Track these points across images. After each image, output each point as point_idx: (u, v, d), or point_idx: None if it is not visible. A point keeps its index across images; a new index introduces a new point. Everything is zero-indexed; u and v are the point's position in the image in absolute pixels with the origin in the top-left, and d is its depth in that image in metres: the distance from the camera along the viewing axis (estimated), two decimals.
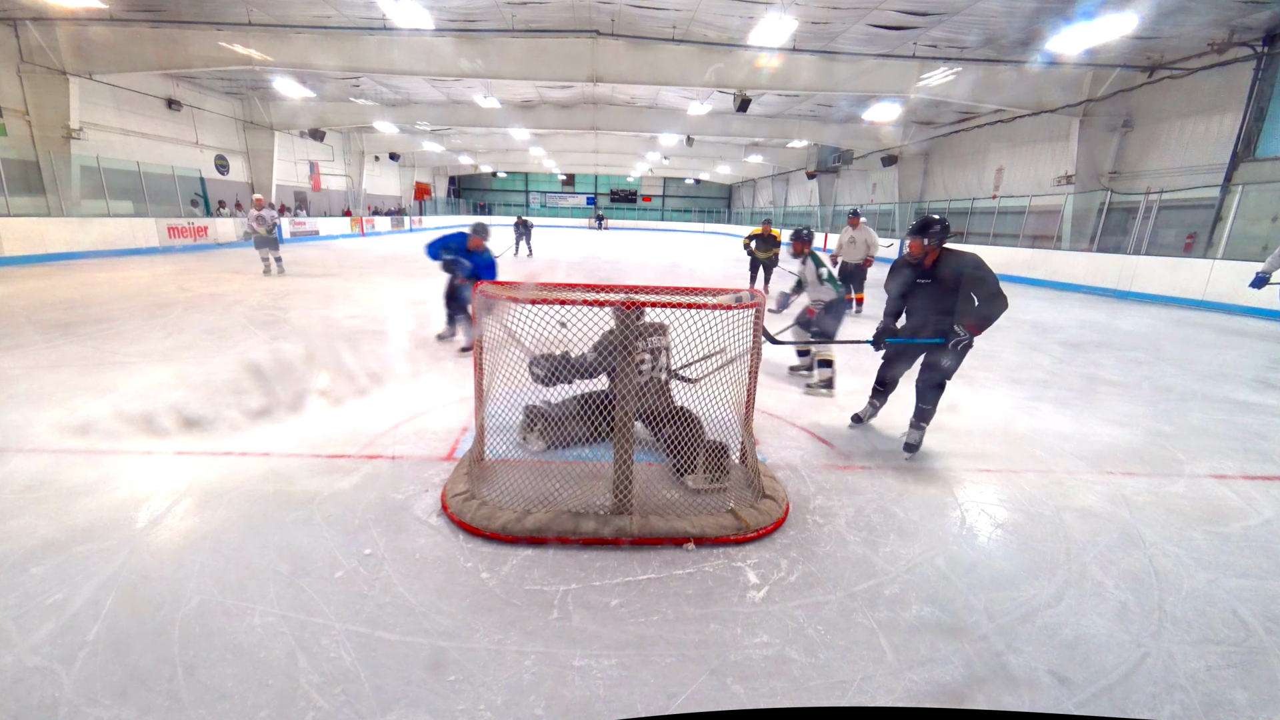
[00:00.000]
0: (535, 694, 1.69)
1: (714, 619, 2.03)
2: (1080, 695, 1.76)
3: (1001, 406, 4.53)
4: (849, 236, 8.69)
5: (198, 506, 2.66)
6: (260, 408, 3.99)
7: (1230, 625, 2.08)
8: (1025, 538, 2.63)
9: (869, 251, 8.74)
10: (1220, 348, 6.97)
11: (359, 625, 1.93)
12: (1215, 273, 10.13)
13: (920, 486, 3.11)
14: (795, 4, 10.38)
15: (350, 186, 28.36)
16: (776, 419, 4.06)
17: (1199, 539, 2.66)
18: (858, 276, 8.79)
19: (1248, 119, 10.98)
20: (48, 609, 1.97)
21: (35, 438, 3.35)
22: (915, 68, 12.88)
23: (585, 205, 48.48)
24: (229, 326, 6.51)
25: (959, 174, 19.71)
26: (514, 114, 21.07)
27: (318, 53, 12.57)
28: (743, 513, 2.58)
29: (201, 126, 18.95)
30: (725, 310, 2.62)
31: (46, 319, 6.54)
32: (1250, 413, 4.54)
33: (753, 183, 41.53)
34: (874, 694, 1.75)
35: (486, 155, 36.02)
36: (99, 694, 1.64)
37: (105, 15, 11.66)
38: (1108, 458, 3.57)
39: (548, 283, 3.07)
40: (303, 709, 1.61)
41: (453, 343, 5.95)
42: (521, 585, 2.18)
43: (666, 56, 12.83)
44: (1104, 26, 9.37)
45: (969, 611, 2.11)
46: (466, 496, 2.64)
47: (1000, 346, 6.67)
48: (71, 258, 12.55)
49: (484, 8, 11.45)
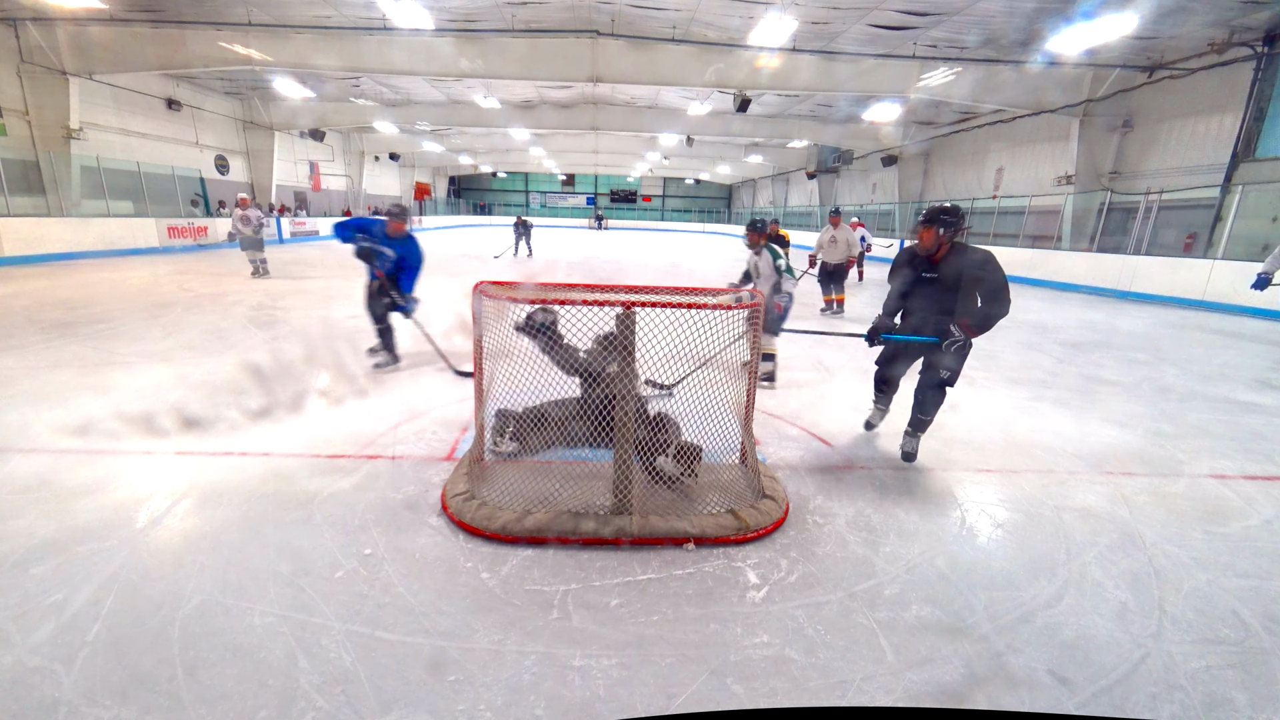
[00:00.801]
0: (535, 694, 1.69)
1: (714, 619, 2.03)
2: (1080, 695, 1.76)
3: (1001, 407, 4.53)
4: (829, 236, 8.60)
5: (198, 506, 2.66)
6: (260, 408, 3.99)
7: (1230, 625, 2.08)
8: (1025, 538, 2.63)
9: (850, 252, 8.65)
10: (1220, 348, 6.97)
11: (359, 625, 1.93)
12: (1215, 273, 10.13)
13: (920, 486, 3.11)
14: (795, 4, 10.38)
15: (350, 187, 28.36)
16: (777, 419, 4.06)
17: (1199, 539, 2.66)
18: (838, 277, 8.64)
19: (1248, 119, 10.98)
20: (48, 609, 1.97)
21: (35, 438, 3.35)
22: (915, 68, 12.88)
23: (585, 205, 48.47)
24: (229, 327, 6.51)
25: (959, 174, 19.71)
26: (514, 114, 21.07)
27: (318, 53, 12.57)
28: (743, 513, 2.58)
29: (201, 126, 18.95)
30: (725, 310, 2.62)
31: (46, 319, 6.54)
32: (1250, 413, 4.54)
33: (753, 183, 41.52)
34: (874, 694, 1.75)
35: (486, 155, 36.01)
36: (99, 694, 1.64)
37: (105, 15, 11.66)
38: (1108, 458, 3.57)
39: (548, 283, 3.07)
40: (303, 709, 1.61)
41: (394, 366, 4.98)
42: (521, 585, 2.18)
43: (666, 56, 12.83)
44: (1104, 27, 9.37)
45: (969, 612, 2.11)
46: (466, 497, 2.64)
47: (1000, 347, 6.67)
48: (71, 258, 12.55)
49: (484, 8, 11.45)
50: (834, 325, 7.84)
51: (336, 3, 11.24)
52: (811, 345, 6.49)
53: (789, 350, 6.13)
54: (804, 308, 8.32)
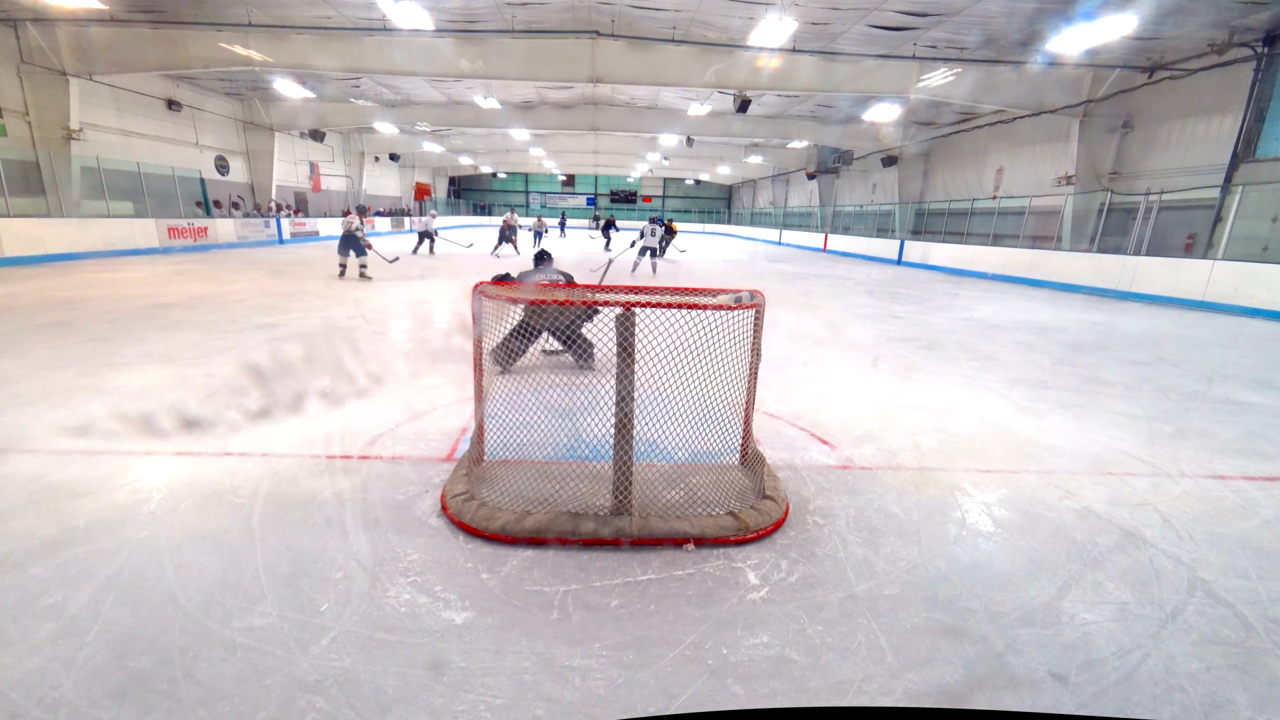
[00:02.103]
0: (535, 694, 1.69)
1: (714, 620, 2.03)
2: (1080, 696, 1.76)
3: (1001, 407, 4.53)
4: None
5: (198, 507, 2.66)
6: (260, 408, 3.99)
7: (1230, 625, 2.08)
8: (1025, 538, 2.63)
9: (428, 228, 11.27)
10: (1220, 348, 6.97)
11: (359, 625, 1.93)
12: (1215, 273, 10.13)
13: (920, 487, 3.11)
14: (795, 4, 10.39)
15: (350, 187, 28.36)
16: (777, 419, 4.06)
17: (1199, 539, 2.66)
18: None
19: (1248, 119, 10.98)
20: (47, 609, 1.97)
21: (35, 438, 3.35)
22: (915, 68, 12.89)
23: (585, 206, 48.48)
24: (229, 327, 6.51)
25: (959, 174, 19.72)
26: (514, 115, 21.08)
27: (318, 53, 12.58)
28: (742, 513, 2.58)
29: (201, 127, 18.96)
30: (725, 310, 2.62)
31: (46, 319, 6.54)
32: (1250, 413, 4.54)
33: (753, 183, 41.55)
34: (874, 694, 1.75)
35: (486, 156, 36.03)
36: (99, 694, 1.64)
37: (105, 16, 11.67)
38: (1108, 458, 3.57)
39: (548, 283, 3.07)
40: (303, 709, 1.61)
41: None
42: (521, 586, 2.18)
43: (666, 57, 12.84)
44: (1104, 27, 9.38)
45: (969, 612, 2.11)
46: (466, 497, 2.64)
47: (1000, 347, 6.68)
48: (71, 258, 12.55)
49: (484, 8, 11.45)
50: None
51: (336, 3, 11.25)
52: (811, 346, 6.50)
53: (789, 350, 6.15)
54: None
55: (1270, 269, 9.38)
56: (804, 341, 6.70)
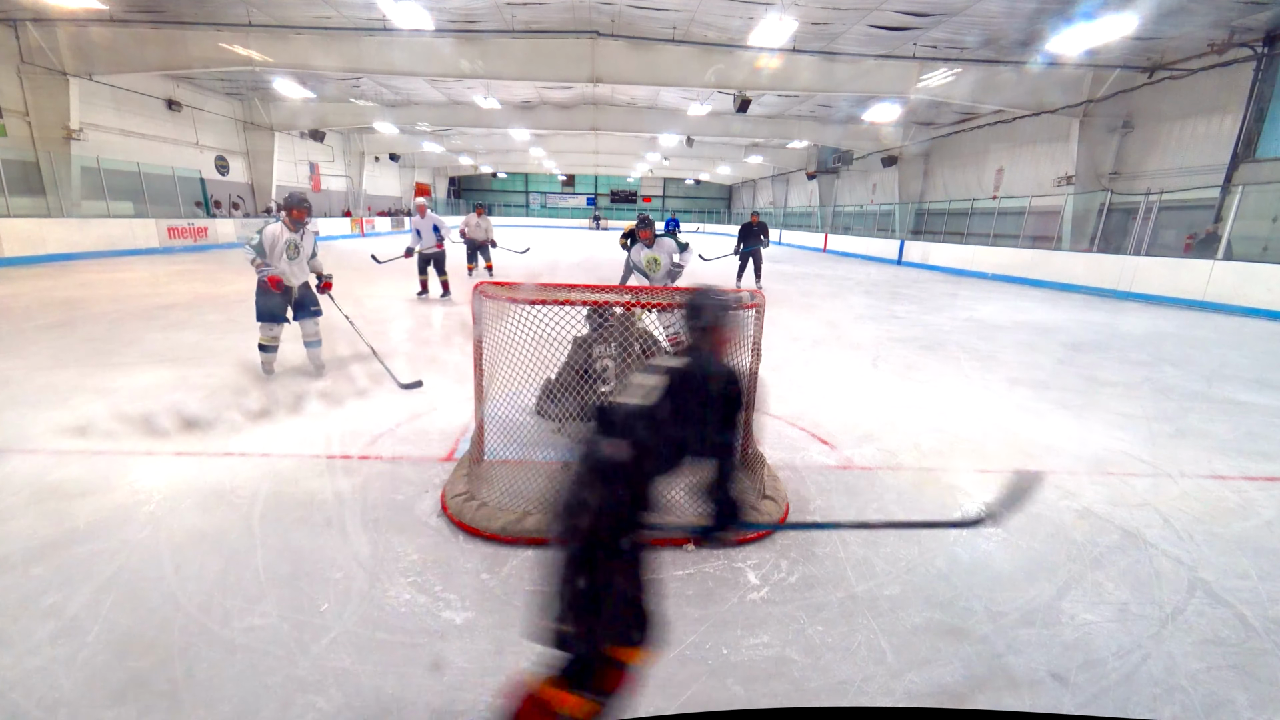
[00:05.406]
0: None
1: (714, 620, 2.03)
2: (1080, 696, 1.76)
3: (1002, 407, 4.52)
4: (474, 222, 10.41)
5: (198, 507, 2.66)
6: (260, 408, 3.99)
7: (1230, 625, 2.08)
8: (1025, 538, 2.63)
9: (488, 235, 10.68)
10: (1220, 348, 6.97)
11: (359, 626, 1.93)
12: (1215, 273, 10.12)
13: (920, 487, 3.11)
14: (795, 4, 10.39)
15: (350, 187, 28.36)
16: (777, 420, 4.06)
17: (1199, 539, 2.65)
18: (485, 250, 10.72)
19: (1248, 119, 10.98)
20: (48, 609, 1.97)
21: (35, 438, 3.35)
22: (915, 68, 12.88)
23: (585, 206, 48.48)
24: (229, 327, 6.51)
25: (959, 174, 19.71)
26: (514, 115, 21.06)
27: (318, 53, 12.57)
28: (743, 513, 2.57)
29: (202, 127, 18.94)
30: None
31: (46, 319, 6.54)
32: (1250, 413, 4.54)
33: (753, 183, 41.53)
34: (874, 694, 1.75)
35: (486, 156, 36.00)
36: (99, 694, 1.64)
37: (105, 16, 11.66)
38: (1108, 458, 3.57)
39: (548, 283, 3.07)
40: (303, 709, 1.61)
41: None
42: (521, 586, 2.18)
43: (666, 57, 12.83)
44: (1104, 27, 9.37)
45: (969, 612, 2.11)
46: (466, 497, 2.64)
47: (1000, 347, 6.68)
48: (71, 258, 12.54)
49: (484, 8, 11.45)
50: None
51: (336, 3, 11.24)
52: (811, 347, 6.50)
53: (789, 350, 6.14)
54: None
55: (1270, 269, 9.38)
56: (804, 341, 6.70)
